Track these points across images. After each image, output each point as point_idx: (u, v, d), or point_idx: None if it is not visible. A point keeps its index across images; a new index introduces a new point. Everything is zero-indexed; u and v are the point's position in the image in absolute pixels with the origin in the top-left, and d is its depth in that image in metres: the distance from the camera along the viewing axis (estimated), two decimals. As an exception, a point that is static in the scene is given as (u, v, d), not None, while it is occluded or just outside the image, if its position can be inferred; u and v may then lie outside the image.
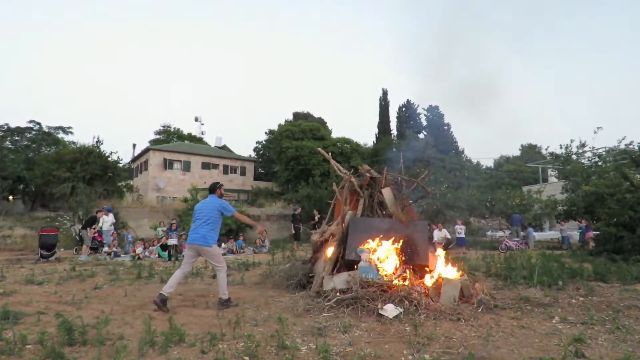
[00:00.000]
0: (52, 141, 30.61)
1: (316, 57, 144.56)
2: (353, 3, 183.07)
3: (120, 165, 23.90)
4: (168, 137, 44.62)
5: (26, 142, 30.42)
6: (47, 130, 31.15)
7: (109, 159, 22.53)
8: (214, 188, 5.67)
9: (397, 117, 46.60)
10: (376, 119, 43.96)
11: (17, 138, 30.20)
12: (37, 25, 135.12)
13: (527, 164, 37.17)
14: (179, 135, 45.29)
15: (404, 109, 47.18)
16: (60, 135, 31.74)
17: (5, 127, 29.64)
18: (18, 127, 30.11)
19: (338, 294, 5.26)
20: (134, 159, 36.63)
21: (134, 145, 40.12)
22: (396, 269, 5.92)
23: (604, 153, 18.80)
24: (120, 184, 24.49)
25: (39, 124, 30.94)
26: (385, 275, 5.63)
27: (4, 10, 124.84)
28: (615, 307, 5.20)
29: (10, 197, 24.97)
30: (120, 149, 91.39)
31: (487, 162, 52.73)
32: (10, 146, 28.71)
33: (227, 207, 5.48)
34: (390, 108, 44.55)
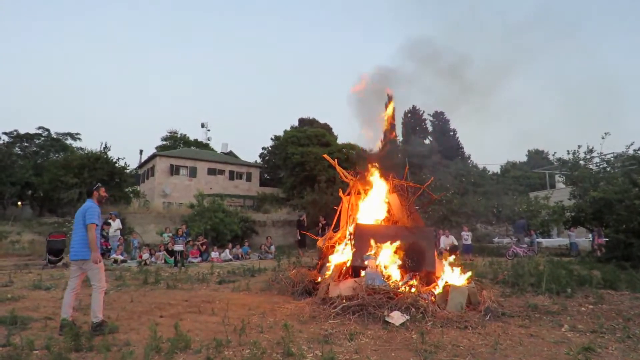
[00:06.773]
0: (60, 147, 30.99)
1: (322, 63, 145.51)
2: (360, 9, 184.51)
3: (127, 171, 24.04)
4: (174, 143, 44.88)
5: (35, 148, 30.83)
6: (55, 137, 31.56)
7: (116, 165, 22.69)
8: (90, 191, 4.82)
9: (403, 123, 46.59)
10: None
11: (26, 144, 30.63)
12: (45, 32, 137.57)
13: (534, 170, 36.93)
14: (185, 141, 45.54)
15: (409, 114, 47.20)
16: (69, 141, 32.12)
17: (15, 133, 30.07)
18: (27, 133, 30.53)
19: (344, 300, 5.24)
20: (141, 165, 36.90)
21: (141, 152, 40.41)
22: (402, 275, 5.89)
23: (612, 159, 18.54)
24: (127, 189, 24.61)
25: (47, 130, 31.36)
26: (392, 282, 5.59)
27: (13, 17, 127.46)
28: (626, 316, 5.13)
29: (19, 203, 25.26)
30: (127, 155, 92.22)
31: (494, 167, 52.56)
32: (19, 152, 29.09)
33: (90, 214, 4.55)
34: (395, 114, 44.52)
